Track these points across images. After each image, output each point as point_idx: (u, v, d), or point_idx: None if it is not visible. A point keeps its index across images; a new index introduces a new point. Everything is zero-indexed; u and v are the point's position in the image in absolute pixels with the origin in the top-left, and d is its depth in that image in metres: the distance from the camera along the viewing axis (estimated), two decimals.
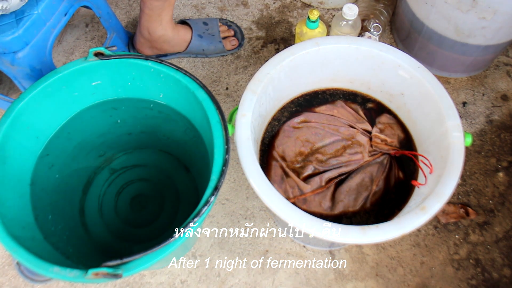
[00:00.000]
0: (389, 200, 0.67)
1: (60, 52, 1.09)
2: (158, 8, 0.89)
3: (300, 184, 0.67)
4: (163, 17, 0.92)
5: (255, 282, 0.83)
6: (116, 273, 0.50)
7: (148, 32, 0.95)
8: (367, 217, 0.66)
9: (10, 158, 0.63)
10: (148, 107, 0.75)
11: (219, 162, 0.58)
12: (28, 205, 0.64)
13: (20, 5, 0.70)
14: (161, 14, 0.91)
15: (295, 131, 0.72)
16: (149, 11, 0.90)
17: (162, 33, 0.96)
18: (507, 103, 1.00)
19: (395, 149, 0.70)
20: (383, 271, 0.83)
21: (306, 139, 0.70)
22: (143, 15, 0.92)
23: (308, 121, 0.72)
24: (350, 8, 0.90)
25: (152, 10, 0.90)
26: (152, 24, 0.93)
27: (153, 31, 0.95)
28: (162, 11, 0.91)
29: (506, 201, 0.89)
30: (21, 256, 0.52)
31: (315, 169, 0.69)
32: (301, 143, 0.70)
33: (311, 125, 0.72)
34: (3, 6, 0.68)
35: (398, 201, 0.67)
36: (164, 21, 0.94)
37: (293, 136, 0.71)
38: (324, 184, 0.67)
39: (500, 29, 0.85)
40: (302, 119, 0.72)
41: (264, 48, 1.09)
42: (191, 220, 0.54)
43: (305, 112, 0.73)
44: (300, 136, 0.71)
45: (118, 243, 0.80)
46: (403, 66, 0.67)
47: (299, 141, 0.71)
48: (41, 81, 0.64)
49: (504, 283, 0.82)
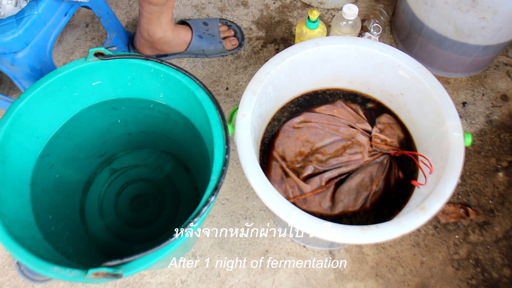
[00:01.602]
0: (389, 200, 0.67)
1: (60, 52, 1.10)
2: (157, 12, 0.90)
3: (300, 184, 0.67)
4: (162, 20, 0.93)
5: (255, 282, 0.83)
6: (116, 273, 0.50)
7: (148, 34, 0.96)
8: (367, 217, 0.66)
9: (11, 158, 0.63)
10: (148, 107, 0.75)
11: (219, 162, 0.58)
12: (28, 205, 0.65)
13: (15, 11, 0.70)
14: (160, 17, 0.92)
15: (295, 131, 0.72)
16: (148, 14, 0.90)
17: (162, 35, 0.96)
18: (507, 103, 1.00)
19: (395, 149, 0.70)
20: (383, 271, 0.83)
21: (306, 139, 0.70)
22: (142, 18, 0.93)
23: (308, 121, 0.72)
24: (350, 8, 0.90)
25: (151, 14, 0.90)
26: (151, 27, 0.94)
27: (153, 33, 0.95)
28: (161, 14, 0.91)
29: (506, 201, 0.89)
30: (21, 256, 0.53)
31: (315, 169, 0.69)
32: (301, 143, 0.71)
33: (311, 125, 0.72)
34: None
35: (398, 201, 0.67)
36: (164, 23, 0.94)
37: (293, 136, 0.71)
38: (324, 184, 0.67)
39: (500, 29, 0.85)
40: (302, 119, 0.73)
41: (264, 48, 1.09)
42: (191, 220, 0.54)
43: (305, 112, 0.74)
44: (300, 136, 0.71)
45: (118, 243, 0.80)
46: (403, 66, 0.67)
47: (299, 141, 0.71)
48: (41, 81, 0.64)
49: (504, 283, 0.82)
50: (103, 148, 0.83)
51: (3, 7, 0.67)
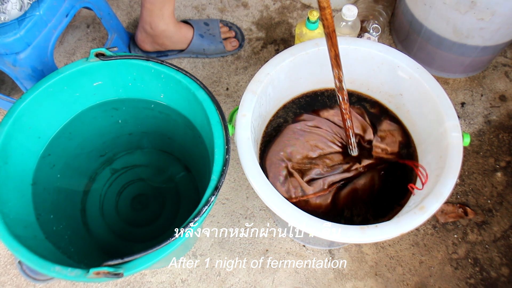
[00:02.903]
0: (389, 200, 0.68)
1: (61, 53, 1.10)
2: (159, 2, 0.90)
3: (303, 185, 0.67)
4: (164, 11, 0.93)
5: (255, 281, 0.83)
6: (117, 272, 0.50)
7: (150, 26, 0.96)
8: (367, 215, 0.67)
9: (12, 158, 0.63)
10: (149, 108, 0.75)
11: (220, 162, 0.58)
12: (30, 204, 0.65)
13: (19, 14, 0.71)
14: (163, 8, 0.92)
15: (305, 134, 0.72)
16: (150, 5, 0.91)
17: (164, 28, 0.97)
18: (505, 104, 1.01)
19: (395, 159, 0.70)
20: (382, 270, 0.84)
21: (315, 144, 0.71)
22: (145, 10, 0.93)
23: (319, 127, 0.73)
24: (350, 9, 0.91)
25: (154, 4, 0.91)
26: (154, 19, 0.94)
27: (156, 25, 0.95)
28: (163, 5, 0.91)
29: (504, 201, 0.90)
30: (23, 256, 0.53)
31: (320, 173, 0.69)
32: (310, 147, 0.71)
33: (322, 132, 0.72)
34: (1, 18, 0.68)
35: (397, 201, 0.67)
36: (166, 15, 0.94)
37: (303, 139, 0.71)
38: (327, 187, 0.68)
39: (498, 30, 0.85)
40: (314, 124, 0.73)
41: (264, 48, 1.09)
42: (192, 220, 0.54)
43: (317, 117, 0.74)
44: (310, 140, 0.71)
45: (119, 243, 0.80)
46: (402, 66, 0.67)
47: (308, 145, 0.71)
48: (42, 82, 0.65)
49: (502, 282, 0.83)
50: (104, 148, 0.83)
51: (8, 12, 0.67)
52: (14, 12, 0.69)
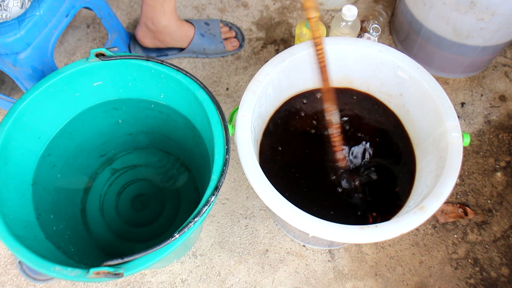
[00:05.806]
0: (389, 200, 0.68)
1: (61, 53, 1.10)
2: None
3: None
4: (166, 7, 0.93)
5: (255, 281, 0.83)
6: (117, 272, 0.50)
7: (152, 22, 0.96)
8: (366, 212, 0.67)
9: (12, 158, 0.63)
10: (149, 108, 0.75)
11: (220, 162, 0.59)
12: (30, 204, 0.65)
13: (20, 12, 0.71)
14: (164, 4, 0.92)
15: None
16: (152, 1, 0.91)
17: (166, 24, 0.97)
18: (505, 104, 1.01)
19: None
20: (382, 270, 0.84)
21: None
22: (146, 6, 0.93)
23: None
24: (350, 9, 0.91)
25: (155, 0, 0.91)
26: (155, 15, 0.94)
27: (157, 21, 0.95)
28: (164, 1, 0.91)
29: (504, 201, 0.90)
30: (23, 255, 0.53)
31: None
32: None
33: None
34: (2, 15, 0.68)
35: (397, 201, 0.67)
36: (168, 11, 0.94)
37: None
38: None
39: (498, 30, 0.85)
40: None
41: (264, 49, 1.09)
42: (192, 220, 0.54)
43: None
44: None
45: (119, 243, 0.80)
46: (402, 66, 0.68)
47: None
48: (42, 82, 0.65)
49: (502, 282, 0.83)
50: (104, 148, 0.83)
51: (9, 9, 0.68)
52: (16, 9, 0.69)
